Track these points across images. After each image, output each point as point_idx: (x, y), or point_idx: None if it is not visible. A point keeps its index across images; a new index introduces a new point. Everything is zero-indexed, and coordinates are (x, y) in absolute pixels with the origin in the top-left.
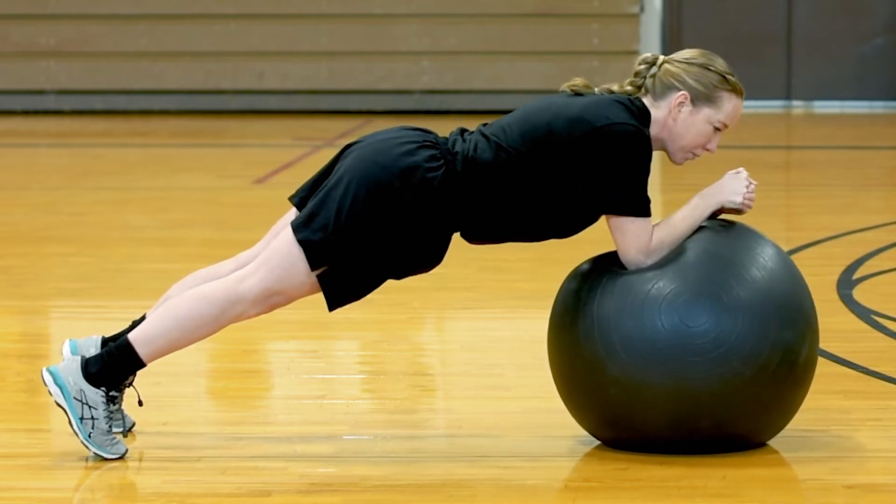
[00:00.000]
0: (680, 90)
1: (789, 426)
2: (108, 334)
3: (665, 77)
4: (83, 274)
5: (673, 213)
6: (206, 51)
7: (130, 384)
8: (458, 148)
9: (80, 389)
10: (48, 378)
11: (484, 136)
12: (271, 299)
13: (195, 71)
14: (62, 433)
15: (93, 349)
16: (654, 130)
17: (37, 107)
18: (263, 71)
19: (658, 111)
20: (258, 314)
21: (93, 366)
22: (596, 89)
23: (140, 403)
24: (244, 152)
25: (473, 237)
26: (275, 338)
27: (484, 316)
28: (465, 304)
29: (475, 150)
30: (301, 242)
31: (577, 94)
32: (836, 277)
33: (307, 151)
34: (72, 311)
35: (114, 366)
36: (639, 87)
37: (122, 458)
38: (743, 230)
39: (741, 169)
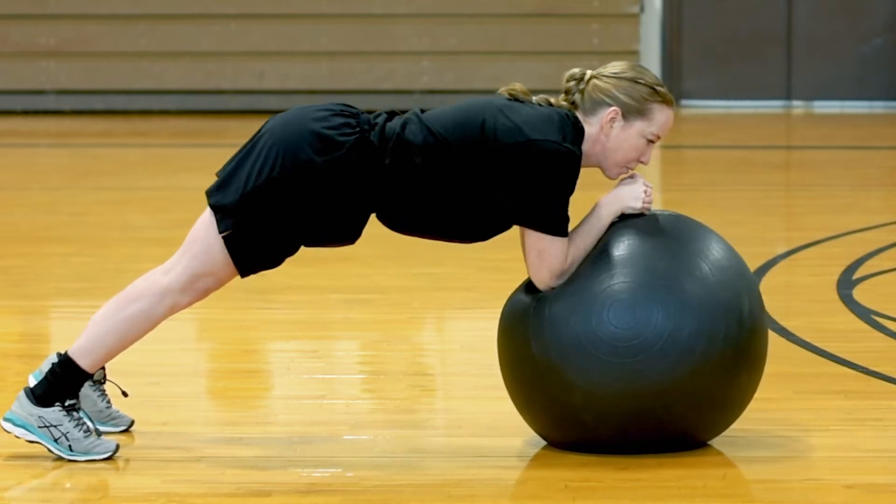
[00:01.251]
0: (610, 106)
1: (789, 426)
2: (63, 350)
3: (594, 93)
4: (83, 274)
5: (574, 229)
6: (206, 51)
7: (103, 380)
8: (378, 121)
9: (39, 416)
10: (8, 426)
11: (418, 117)
12: (199, 283)
13: (195, 71)
14: None
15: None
16: (586, 147)
17: (37, 107)
18: (263, 71)
19: (590, 127)
20: (191, 302)
21: (39, 388)
22: (534, 98)
23: (125, 394)
24: None
25: (389, 220)
26: (275, 338)
27: (484, 316)
28: (465, 304)
29: (403, 128)
30: (212, 206)
31: (516, 99)
32: (836, 277)
33: None
34: (72, 311)
35: (60, 383)
36: (573, 105)
37: (115, 453)
38: (681, 220)
39: (636, 174)
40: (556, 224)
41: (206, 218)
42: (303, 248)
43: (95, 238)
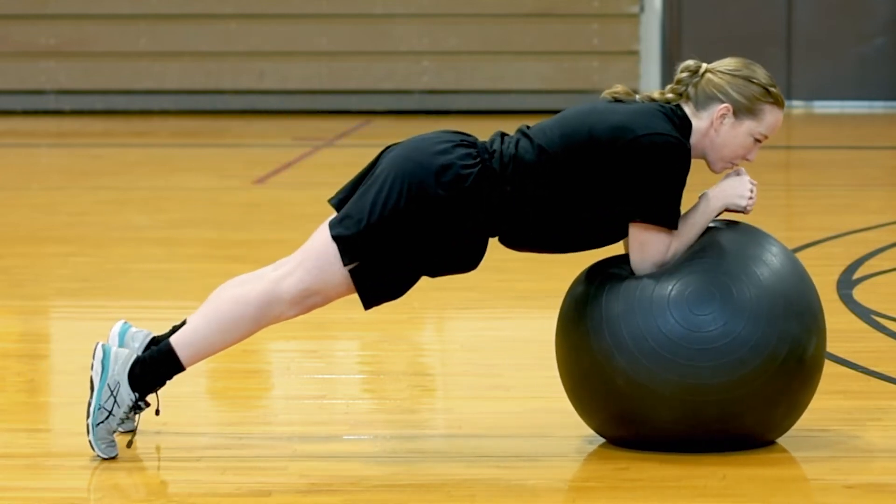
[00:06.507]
0: (723, 102)
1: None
2: (159, 334)
3: (707, 87)
4: (83, 274)
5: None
6: (206, 51)
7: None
8: (495, 147)
9: (118, 382)
10: (99, 353)
11: (526, 136)
12: (309, 300)
13: (195, 71)
14: (62, 433)
15: (136, 344)
16: (694, 140)
17: (37, 107)
18: (263, 71)
19: (700, 121)
20: (296, 315)
21: (138, 368)
22: (637, 97)
23: (157, 413)
24: (244, 152)
25: (510, 241)
26: (275, 338)
27: (484, 316)
28: (465, 304)
29: (516, 148)
30: (335, 238)
31: (618, 100)
32: (836, 277)
33: (307, 151)
34: (72, 311)
35: (155, 369)
36: (680, 95)
37: (110, 459)
38: (748, 229)
39: (741, 169)
40: (664, 214)
41: (327, 236)
42: None
43: (95, 238)
